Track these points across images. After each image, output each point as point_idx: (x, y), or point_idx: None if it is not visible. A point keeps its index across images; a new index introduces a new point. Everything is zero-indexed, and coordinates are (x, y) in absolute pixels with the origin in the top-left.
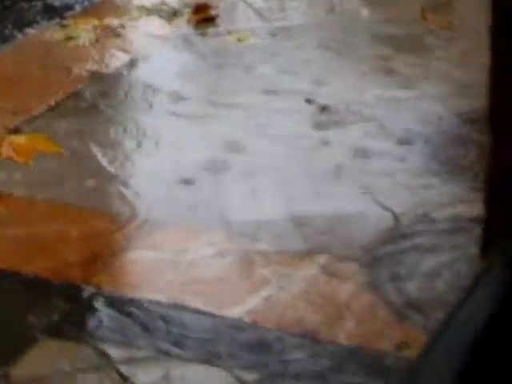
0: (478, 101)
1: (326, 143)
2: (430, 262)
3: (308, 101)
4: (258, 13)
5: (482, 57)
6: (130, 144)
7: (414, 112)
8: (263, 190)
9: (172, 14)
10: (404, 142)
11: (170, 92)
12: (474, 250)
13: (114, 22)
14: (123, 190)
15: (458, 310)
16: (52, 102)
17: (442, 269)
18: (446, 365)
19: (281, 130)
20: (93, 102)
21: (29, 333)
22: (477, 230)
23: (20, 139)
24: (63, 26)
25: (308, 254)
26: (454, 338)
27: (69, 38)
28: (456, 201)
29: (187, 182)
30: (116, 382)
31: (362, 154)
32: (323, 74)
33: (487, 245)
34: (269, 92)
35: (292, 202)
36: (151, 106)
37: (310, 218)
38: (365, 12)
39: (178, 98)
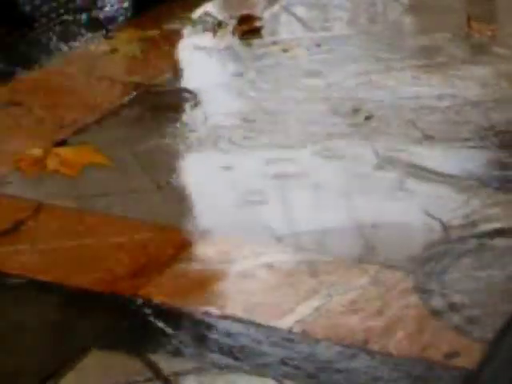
0: None
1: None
2: (479, 272)
3: (355, 111)
4: (302, 23)
5: None
6: (175, 155)
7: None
8: (309, 200)
9: (216, 26)
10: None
11: (215, 103)
12: None
13: (158, 33)
14: (170, 200)
15: None
16: (98, 114)
17: (492, 278)
18: (504, 376)
19: (333, 142)
20: (138, 114)
21: (78, 345)
22: None
23: (67, 151)
24: (108, 38)
25: (357, 263)
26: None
27: (113, 50)
28: (504, 212)
29: (235, 191)
30: None
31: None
32: (369, 84)
33: None
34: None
35: (341, 211)
36: (196, 117)
37: (357, 228)
38: (408, 21)
39: (224, 109)
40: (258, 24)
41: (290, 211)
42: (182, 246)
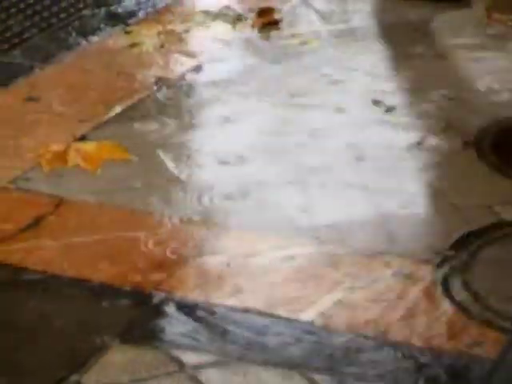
0: None
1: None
2: (501, 263)
3: (375, 102)
4: (321, 16)
5: None
6: (197, 149)
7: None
8: (330, 192)
9: (236, 19)
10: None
11: (236, 96)
12: None
13: (177, 27)
14: (191, 195)
15: None
16: (118, 109)
17: None
18: None
19: (356, 130)
20: (159, 108)
21: (100, 340)
22: None
23: (87, 146)
24: (127, 33)
25: (379, 255)
26: None
27: (133, 45)
28: None
29: (256, 184)
30: None
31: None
32: (389, 76)
33: None
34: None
35: (362, 203)
36: (217, 110)
37: (379, 219)
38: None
39: (244, 101)
40: (276, 17)
41: (312, 203)
42: (203, 240)
